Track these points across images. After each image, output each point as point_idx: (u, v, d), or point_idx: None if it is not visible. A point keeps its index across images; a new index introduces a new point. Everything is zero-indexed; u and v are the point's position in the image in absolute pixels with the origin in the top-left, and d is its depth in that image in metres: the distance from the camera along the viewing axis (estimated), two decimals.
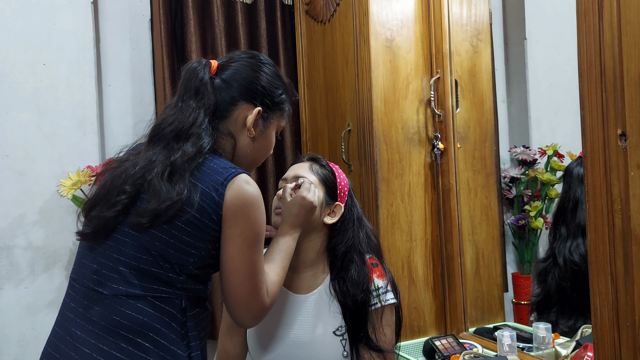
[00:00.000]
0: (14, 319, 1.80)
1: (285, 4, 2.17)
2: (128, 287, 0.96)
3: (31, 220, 1.83)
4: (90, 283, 0.99)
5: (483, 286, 1.72)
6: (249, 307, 1.02)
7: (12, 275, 1.80)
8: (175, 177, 0.96)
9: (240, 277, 1.00)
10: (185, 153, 0.98)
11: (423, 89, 1.70)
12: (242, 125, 1.09)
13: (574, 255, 1.52)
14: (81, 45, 1.91)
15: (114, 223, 0.98)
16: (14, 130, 1.82)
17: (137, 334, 0.94)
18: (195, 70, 1.06)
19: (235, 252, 0.99)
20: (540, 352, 1.37)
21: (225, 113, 1.07)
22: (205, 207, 0.96)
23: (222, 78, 1.08)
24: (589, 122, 0.84)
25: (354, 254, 1.28)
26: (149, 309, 0.95)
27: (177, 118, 1.03)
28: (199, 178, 0.98)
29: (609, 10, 0.80)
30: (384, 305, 1.27)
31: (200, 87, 1.05)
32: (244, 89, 1.08)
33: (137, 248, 0.97)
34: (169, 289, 0.97)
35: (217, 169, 0.99)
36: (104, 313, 0.95)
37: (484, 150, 1.74)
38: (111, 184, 1.00)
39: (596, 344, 0.86)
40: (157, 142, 1.02)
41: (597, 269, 0.84)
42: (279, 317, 1.31)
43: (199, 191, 0.96)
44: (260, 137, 1.12)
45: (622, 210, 0.80)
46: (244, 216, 0.98)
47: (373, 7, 1.63)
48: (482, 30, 1.74)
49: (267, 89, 1.11)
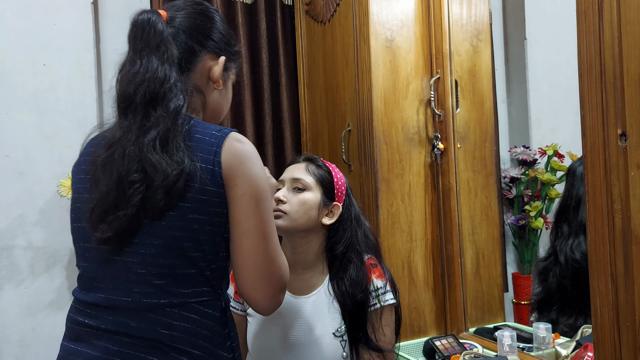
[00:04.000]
0: (14, 319, 1.80)
1: (285, 4, 2.17)
2: (169, 297, 0.88)
3: (31, 220, 1.83)
4: (121, 297, 0.89)
5: (483, 286, 1.72)
6: (269, 278, 0.91)
7: (13, 275, 1.80)
8: (169, 146, 0.87)
9: (254, 241, 0.90)
10: (169, 116, 0.88)
11: (423, 89, 1.70)
12: (207, 79, 1.01)
13: (575, 253, 1.51)
14: (81, 45, 1.91)
15: (136, 221, 0.87)
16: (14, 130, 1.82)
17: (187, 344, 0.88)
18: (150, 21, 0.94)
19: (243, 215, 0.89)
20: (541, 352, 1.37)
21: (189, 66, 0.98)
22: (207, 180, 0.87)
23: (177, 27, 0.97)
24: (589, 122, 0.84)
25: (352, 254, 1.28)
26: (194, 316, 0.89)
27: (144, 79, 0.90)
28: (192, 147, 0.89)
29: (609, 10, 0.80)
30: (384, 305, 1.27)
31: (161, 40, 0.93)
32: (204, 38, 0.99)
33: (166, 250, 0.88)
34: (208, 289, 0.91)
35: (205, 138, 0.90)
36: (147, 327, 0.88)
37: (484, 150, 1.74)
38: (110, 180, 0.87)
39: (596, 344, 0.86)
40: (132, 112, 0.90)
41: (597, 269, 0.84)
42: (279, 319, 1.30)
43: (199, 160, 0.87)
44: (224, 90, 1.05)
45: (622, 210, 0.79)
46: (242, 175, 0.89)
47: (373, 7, 1.63)
48: (482, 30, 1.74)
49: (225, 36, 1.03)
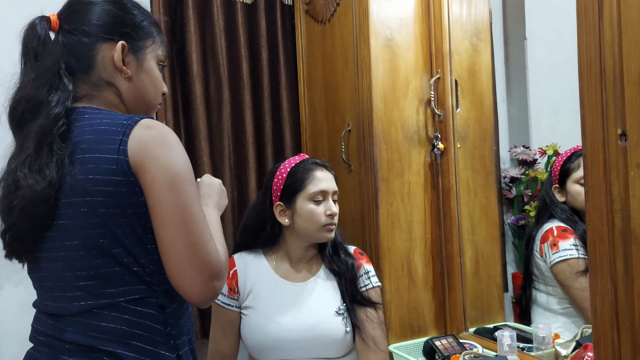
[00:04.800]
0: (13, 319, 1.80)
1: (285, 3, 2.17)
2: (95, 299, 0.87)
3: None
4: (55, 303, 0.90)
5: (483, 286, 1.72)
6: (195, 266, 0.85)
7: (12, 274, 1.79)
8: (40, 159, 0.84)
9: (171, 228, 0.84)
10: (37, 130, 0.85)
11: (423, 88, 1.70)
12: (113, 69, 0.95)
13: (526, 237, 1.66)
14: None
15: (33, 234, 0.89)
16: None
17: (119, 345, 0.86)
18: (32, 28, 0.92)
19: (156, 201, 0.84)
20: (540, 352, 1.37)
21: (89, 62, 0.93)
22: (112, 170, 0.84)
23: (67, 28, 0.94)
24: (588, 121, 0.84)
25: (338, 236, 1.51)
26: (125, 315, 0.87)
27: (22, 95, 0.89)
28: (78, 143, 0.86)
29: (609, 9, 0.80)
30: (374, 285, 1.51)
31: (39, 47, 0.91)
32: (94, 27, 0.94)
33: (85, 251, 0.86)
34: (141, 287, 0.88)
35: (110, 128, 0.86)
36: (78, 333, 0.87)
37: (483, 150, 1.74)
38: (3, 204, 0.89)
39: (596, 344, 0.86)
40: (18, 131, 0.90)
41: (597, 269, 0.84)
42: (281, 305, 1.42)
43: (89, 157, 0.84)
44: (139, 74, 0.98)
45: (621, 210, 0.79)
46: (150, 160, 0.84)
47: (373, 7, 1.63)
48: (482, 30, 1.74)
49: (120, 17, 0.96)
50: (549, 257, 1.51)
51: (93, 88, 0.94)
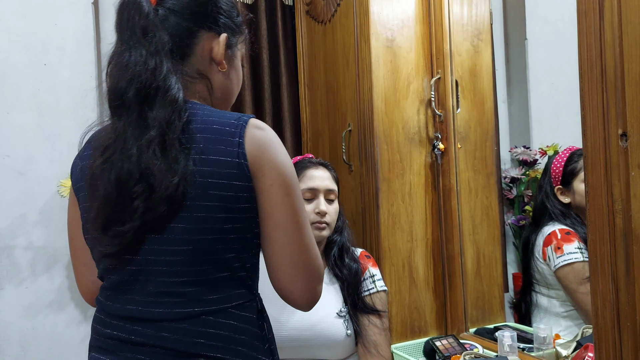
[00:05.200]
0: (14, 319, 1.80)
1: (285, 4, 2.17)
2: (203, 305, 0.82)
3: (32, 220, 1.83)
4: (152, 308, 0.82)
5: (484, 286, 1.72)
6: (307, 270, 0.85)
7: (13, 275, 1.80)
8: (168, 150, 0.77)
9: (288, 231, 0.83)
10: (163, 116, 0.78)
11: (424, 89, 1.70)
12: (209, 60, 0.90)
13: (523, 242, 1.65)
14: (82, 45, 1.91)
15: (141, 233, 0.80)
16: (14, 130, 1.82)
17: (226, 352, 0.82)
18: (135, 4, 0.81)
19: (274, 206, 0.82)
20: (541, 352, 1.37)
21: (187, 50, 0.87)
22: (233, 175, 0.79)
23: (167, 7, 0.86)
24: (589, 122, 0.84)
25: (345, 240, 1.51)
26: (231, 321, 0.83)
27: (135, 72, 0.80)
28: (196, 140, 0.80)
29: (609, 10, 0.80)
30: (379, 290, 1.50)
31: (148, 25, 0.81)
32: (200, 15, 0.88)
33: (193, 256, 0.81)
34: (244, 291, 0.86)
35: (224, 128, 0.81)
36: (179, 339, 0.81)
37: (484, 150, 1.74)
38: (109, 187, 0.79)
39: (597, 344, 0.86)
40: (126, 112, 0.80)
41: (598, 269, 0.84)
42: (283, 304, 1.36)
43: (219, 153, 0.79)
44: (230, 70, 0.94)
45: (623, 211, 0.79)
46: (269, 164, 0.81)
47: (374, 7, 1.63)
48: (483, 30, 1.74)
49: (225, 10, 0.91)
50: (553, 261, 1.51)
51: (187, 78, 0.87)
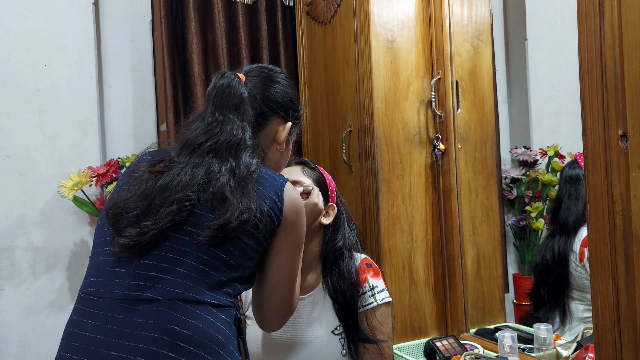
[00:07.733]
0: (15, 320, 1.80)
1: (286, 4, 2.17)
2: (186, 291, 0.86)
3: (32, 221, 1.83)
4: (132, 291, 0.87)
5: (484, 287, 1.72)
6: (283, 312, 1.03)
7: (13, 276, 1.80)
8: (244, 189, 0.92)
9: (287, 286, 1.00)
10: (246, 164, 0.95)
11: (424, 89, 1.70)
12: (271, 139, 1.08)
13: (547, 252, 1.58)
14: (82, 46, 1.91)
15: (161, 237, 0.89)
16: (15, 131, 1.83)
17: (200, 346, 0.84)
18: (232, 85, 1.03)
19: (287, 260, 0.99)
20: (542, 353, 1.37)
21: (259, 127, 1.06)
22: (271, 215, 0.95)
23: (253, 91, 1.06)
24: (589, 122, 0.84)
25: (344, 250, 1.33)
26: (210, 318, 0.87)
27: (224, 131, 0.98)
28: (260, 187, 0.96)
29: (609, 11, 0.80)
30: (380, 304, 1.32)
31: (241, 102, 1.02)
32: (277, 104, 1.08)
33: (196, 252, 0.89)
34: (228, 298, 0.92)
35: (269, 179, 0.98)
36: (157, 323, 0.84)
37: (484, 151, 1.74)
38: (157, 193, 0.90)
39: (597, 345, 0.86)
40: (197, 156, 0.96)
41: (598, 270, 0.84)
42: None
43: (268, 199, 0.95)
44: (286, 150, 1.13)
45: (623, 211, 0.79)
46: (297, 223, 0.99)
47: (374, 8, 1.63)
48: (483, 31, 1.74)
49: (295, 104, 1.12)
50: None
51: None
